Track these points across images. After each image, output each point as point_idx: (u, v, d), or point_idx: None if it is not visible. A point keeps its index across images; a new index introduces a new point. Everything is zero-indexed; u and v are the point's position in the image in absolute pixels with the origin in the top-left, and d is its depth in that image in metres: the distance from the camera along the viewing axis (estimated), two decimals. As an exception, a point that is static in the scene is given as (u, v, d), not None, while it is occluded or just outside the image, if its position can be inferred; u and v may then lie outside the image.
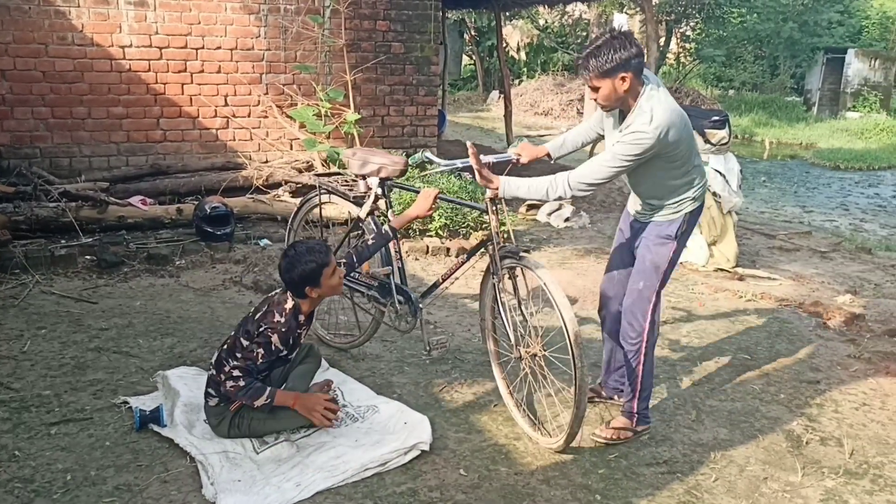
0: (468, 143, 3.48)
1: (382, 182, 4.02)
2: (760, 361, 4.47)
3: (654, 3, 9.18)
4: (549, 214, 8.12)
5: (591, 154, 11.57)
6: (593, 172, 3.23)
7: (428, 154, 3.91)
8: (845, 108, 22.63)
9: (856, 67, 22.83)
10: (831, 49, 23.74)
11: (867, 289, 6.11)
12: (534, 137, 18.06)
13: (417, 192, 3.83)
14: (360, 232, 4.21)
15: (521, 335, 3.49)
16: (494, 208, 3.57)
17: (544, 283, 3.25)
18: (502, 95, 13.00)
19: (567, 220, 8.01)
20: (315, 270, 3.29)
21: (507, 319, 3.49)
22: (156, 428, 3.41)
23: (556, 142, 3.84)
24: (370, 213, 4.09)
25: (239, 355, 3.30)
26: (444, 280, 3.93)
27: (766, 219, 9.93)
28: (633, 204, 3.59)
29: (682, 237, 3.42)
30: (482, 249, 3.75)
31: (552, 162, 3.88)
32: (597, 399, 3.89)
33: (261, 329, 3.29)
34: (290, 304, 3.35)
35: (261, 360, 3.29)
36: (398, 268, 4.05)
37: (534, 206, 8.37)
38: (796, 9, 23.78)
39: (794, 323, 5.12)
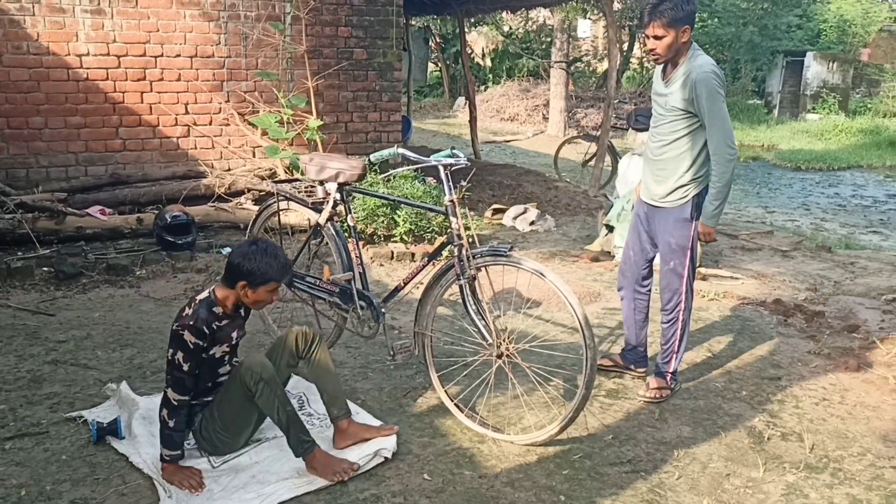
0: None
1: (341, 187, 3.99)
2: (723, 359, 4.50)
3: (616, 9, 9.24)
4: (515, 218, 8.14)
5: (585, 164, 11.61)
6: (724, 122, 3.54)
7: (402, 150, 3.76)
8: (805, 110, 23.00)
9: (815, 70, 23.23)
10: (791, 52, 24.13)
11: (827, 286, 6.20)
12: (500, 143, 18.12)
13: (378, 197, 3.81)
14: (319, 239, 4.17)
15: (493, 333, 3.49)
16: (456, 211, 3.57)
17: (540, 274, 3.36)
18: (468, 102, 13.01)
19: (532, 223, 8.03)
20: (265, 274, 3.06)
21: (488, 319, 3.48)
22: (114, 442, 3.35)
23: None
24: (329, 220, 4.06)
25: (166, 370, 3.08)
26: (405, 284, 3.91)
27: (729, 219, 10.04)
28: (646, 187, 3.90)
29: (697, 216, 3.75)
30: (444, 252, 3.75)
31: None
32: (614, 369, 4.25)
33: (174, 329, 3.04)
34: (203, 294, 3.14)
35: (185, 367, 3.00)
36: (359, 273, 4.02)
37: (499, 210, 8.38)
38: (756, 13, 24.16)
39: (756, 321, 5.17)
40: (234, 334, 3.23)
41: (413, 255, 6.38)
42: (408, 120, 13.72)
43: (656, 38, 3.45)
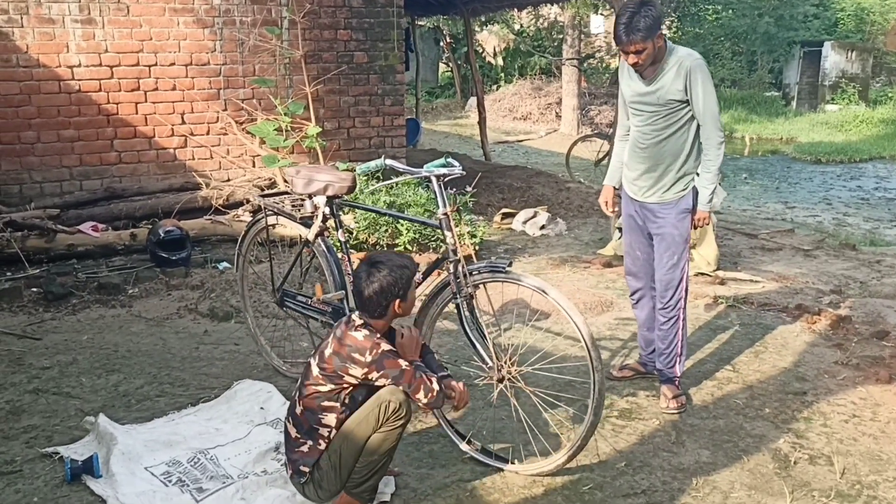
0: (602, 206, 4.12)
1: (330, 200, 3.75)
2: (744, 373, 4.22)
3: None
4: (525, 223, 7.87)
5: (598, 163, 11.32)
6: (715, 107, 3.64)
7: (390, 161, 3.60)
8: (824, 101, 22.50)
9: (833, 60, 22.72)
10: (808, 42, 23.63)
11: (852, 287, 5.89)
12: (512, 143, 17.84)
13: (369, 210, 3.57)
14: (311, 255, 3.94)
15: (494, 356, 3.24)
16: (450, 224, 3.33)
17: (542, 292, 3.13)
18: (478, 102, 12.76)
19: (542, 227, 7.76)
20: (408, 278, 2.90)
21: (488, 340, 3.23)
22: (90, 481, 3.12)
23: (615, 172, 4.09)
24: (319, 235, 3.82)
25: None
26: (400, 302, 3.66)
27: (748, 217, 9.72)
28: (640, 186, 3.85)
29: (694, 207, 3.77)
30: (439, 268, 3.51)
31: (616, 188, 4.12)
32: (636, 377, 4.16)
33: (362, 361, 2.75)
34: (357, 321, 2.85)
35: (409, 365, 2.80)
36: (352, 290, 3.78)
37: (509, 215, 8.12)
38: (772, 3, 23.69)
39: (778, 328, 4.87)
40: None
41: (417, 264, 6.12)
42: (416, 122, 13.48)
43: (637, 52, 3.53)
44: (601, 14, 22.39)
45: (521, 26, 26.01)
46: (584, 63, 21.29)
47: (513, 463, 3.27)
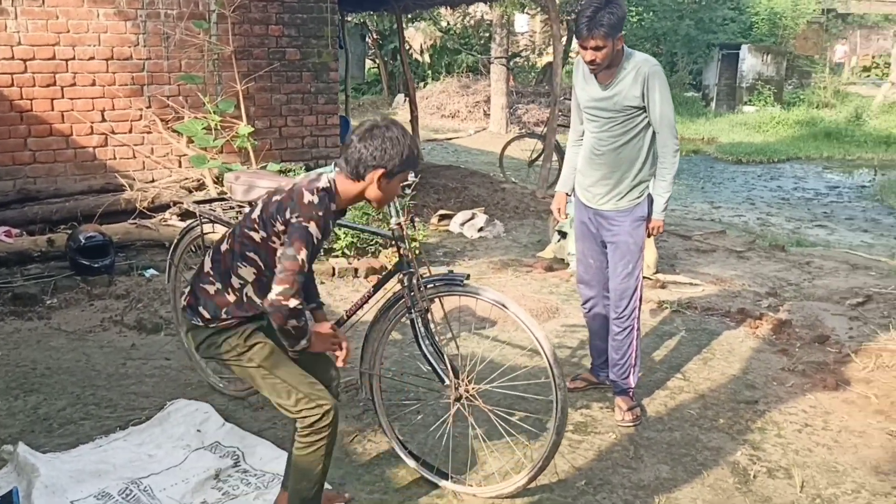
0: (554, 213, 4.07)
1: (274, 208, 3.53)
2: (694, 381, 4.19)
3: (556, 3, 8.93)
4: (462, 224, 7.76)
5: (532, 163, 11.21)
6: (671, 115, 3.58)
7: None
8: (742, 103, 23.16)
9: (750, 62, 23.42)
10: (726, 45, 24.30)
11: (787, 290, 5.97)
12: (441, 141, 17.71)
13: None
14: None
15: (450, 373, 3.09)
16: (404, 235, 3.16)
17: (502, 306, 2.99)
18: (408, 99, 12.58)
19: (481, 229, 7.66)
20: (409, 158, 2.56)
21: (444, 356, 3.08)
22: (8, 519, 2.85)
23: (567, 178, 4.00)
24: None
25: (282, 274, 2.43)
26: (349, 316, 3.46)
27: (678, 216, 9.85)
28: (594, 193, 3.77)
29: (649, 215, 3.72)
30: (393, 279, 3.33)
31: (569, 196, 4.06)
32: (589, 387, 4.07)
33: (294, 221, 2.46)
34: (321, 183, 2.54)
35: (307, 267, 2.47)
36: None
37: (446, 216, 7.99)
38: (691, 7, 24.26)
39: (724, 334, 4.88)
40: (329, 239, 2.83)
41: (356, 270, 5.93)
42: (346, 120, 13.18)
43: (596, 48, 3.45)
44: (527, 13, 22.51)
45: (449, 23, 25.93)
46: (511, 62, 21.34)
47: (471, 485, 3.14)
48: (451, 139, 18.16)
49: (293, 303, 2.42)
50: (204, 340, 2.66)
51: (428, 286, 3.13)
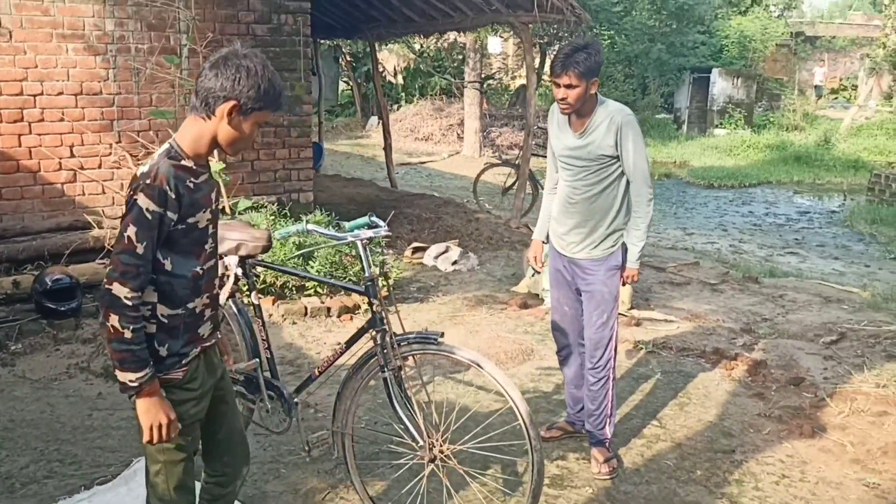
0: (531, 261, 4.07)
1: (243, 261, 3.47)
2: (671, 429, 4.16)
3: (529, 32, 8.96)
4: (436, 258, 7.71)
5: (506, 192, 11.21)
6: (645, 164, 3.58)
7: (311, 226, 3.35)
8: (713, 126, 23.48)
9: (720, 86, 23.77)
10: (697, 69, 24.64)
11: (761, 325, 5.99)
12: (415, 165, 17.70)
13: (286, 272, 3.31)
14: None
15: (424, 430, 3.04)
16: (377, 290, 3.11)
17: (478, 366, 2.97)
18: (382, 127, 12.55)
19: (455, 262, 7.62)
20: (268, 90, 2.20)
21: (417, 416, 3.03)
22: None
23: (543, 226, 3.99)
24: (231, 297, 3.54)
25: (113, 251, 2.18)
26: (320, 372, 3.42)
27: (651, 244, 9.88)
28: (568, 241, 3.76)
29: (623, 264, 3.71)
30: (365, 335, 3.27)
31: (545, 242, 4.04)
32: (565, 437, 4.04)
33: (127, 195, 2.20)
34: (164, 146, 2.26)
35: (139, 247, 2.12)
36: (267, 358, 3.51)
37: (420, 249, 7.95)
38: (662, 30, 24.57)
39: (699, 376, 4.87)
40: (213, 195, 2.37)
41: (329, 309, 5.86)
42: (319, 147, 13.15)
43: (569, 87, 3.44)
44: (500, 36, 22.62)
45: (422, 46, 26.01)
46: (484, 84, 21.43)
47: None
48: (424, 163, 18.16)
49: (117, 289, 2.10)
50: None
51: (401, 344, 3.08)
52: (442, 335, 3.04)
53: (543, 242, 4.01)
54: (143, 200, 2.13)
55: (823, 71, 29.22)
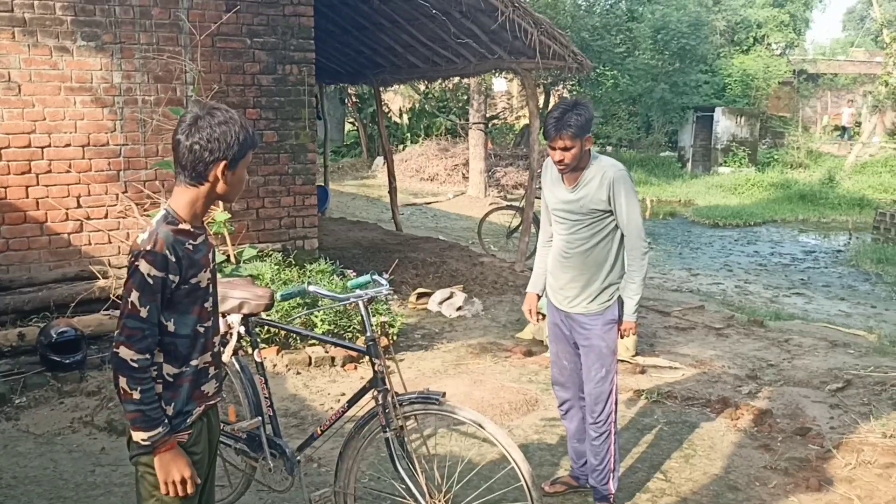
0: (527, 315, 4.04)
1: (245, 319, 3.49)
2: (676, 482, 4.13)
3: (531, 70, 9.07)
4: (441, 303, 7.72)
5: (510, 234, 11.26)
6: (638, 219, 3.62)
7: (313, 287, 3.41)
8: (717, 164, 23.59)
9: (724, 125, 23.92)
10: (700, 107, 24.83)
11: (767, 371, 5.96)
12: (420, 205, 17.80)
13: (289, 331, 3.33)
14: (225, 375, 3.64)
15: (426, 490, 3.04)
16: (378, 350, 3.13)
17: (479, 426, 2.98)
18: (388, 170, 12.65)
19: (459, 308, 7.63)
20: (247, 139, 2.29)
21: (419, 478, 3.03)
22: None
23: (538, 279, 4.00)
24: (234, 354, 3.55)
25: (119, 316, 2.28)
26: (323, 431, 3.42)
27: (655, 286, 9.89)
28: (564, 296, 3.77)
29: (620, 317, 3.71)
30: (367, 394, 3.28)
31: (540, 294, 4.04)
32: (569, 491, 4.01)
33: (129, 262, 2.28)
34: (160, 212, 2.33)
35: (143, 311, 2.21)
36: (269, 416, 3.52)
37: (424, 295, 7.96)
38: (665, 70, 24.82)
39: (704, 426, 4.84)
40: (211, 255, 2.44)
41: (333, 358, 5.86)
42: (325, 190, 13.25)
43: (565, 149, 3.52)
44: (504, 77, 22.86)
45: (427, 87, 26.30)
46: (489, 124, 21.62)
47: None
48: (430, 203, 18.26)
49: (124, 352, 2.20)
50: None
51: (403, 404, 3.09)
52: (444, 395, 3.04)
53: (538, 295, 4.01)
54: (144, 266, 2.22)
55: (851, 112, 28.74)
